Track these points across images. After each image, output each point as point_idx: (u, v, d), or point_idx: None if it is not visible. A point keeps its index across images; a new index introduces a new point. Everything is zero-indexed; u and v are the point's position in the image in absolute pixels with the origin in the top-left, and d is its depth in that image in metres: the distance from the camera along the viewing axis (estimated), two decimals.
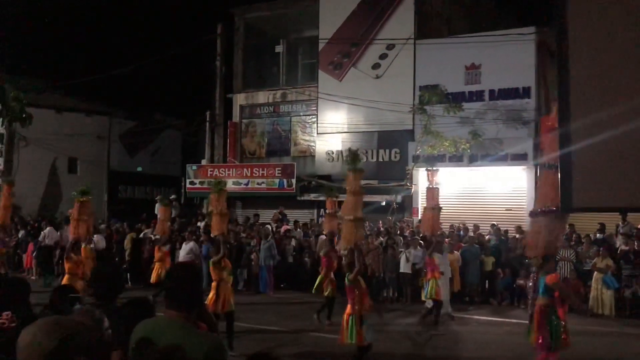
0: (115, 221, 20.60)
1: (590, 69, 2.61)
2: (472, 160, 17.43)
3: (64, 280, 9.54)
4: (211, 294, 9.11)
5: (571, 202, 2.64)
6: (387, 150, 19.86)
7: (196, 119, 25.66)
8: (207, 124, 22.99)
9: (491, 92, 17.82)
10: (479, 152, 17.27)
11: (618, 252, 13.40)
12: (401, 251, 14.47)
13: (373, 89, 19.46)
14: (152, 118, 31.13)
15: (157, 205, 21.60)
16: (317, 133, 21.16)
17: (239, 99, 23.16)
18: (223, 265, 9.39)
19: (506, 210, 17.26)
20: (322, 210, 20.71)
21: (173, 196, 22.15)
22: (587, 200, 2.58)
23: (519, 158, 17.01)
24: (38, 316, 3.08)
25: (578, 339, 10.73)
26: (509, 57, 17.01)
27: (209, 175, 21.40)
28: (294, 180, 20.05)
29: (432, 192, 11.96)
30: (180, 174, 25.87)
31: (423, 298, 11.54)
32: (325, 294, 11.30)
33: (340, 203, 11.38)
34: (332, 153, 20.82)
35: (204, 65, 23.65)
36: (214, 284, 9.27)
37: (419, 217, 18.21)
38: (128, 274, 16.17)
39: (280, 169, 20.59)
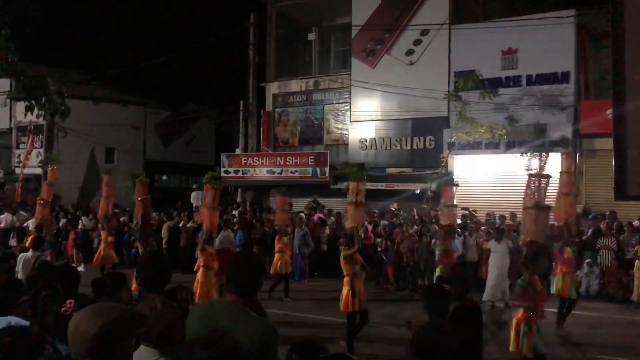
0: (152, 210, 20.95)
1: None
2: (509, 147, 17.12)
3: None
4: (345, 290, 8.60)
5: (627, 190, 2.58)
6: (422, 138, 19.65)
7: (229, 108, 25.86)
8: (241, 113, 23.13)
9: (528, 77, 17.43)
10: (516, 138, 16.94)
11: None
12: (432, 238, 14.38)
13: (407, 76, 19.23)
14: (186, 108, 31.50)
15: (193, 193, 21.95)
16: (350, 121, 21.07)
17: (272, 88, 23.21)
18: (355, 259, 8.82)
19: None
20: None
21: None
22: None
23: (558, 144, 16.62)
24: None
25: (617, 329, 10.55)
26: (547, 41, 16.59)
27: (242, 164, 21.56)
28: (327, 169, 20.04)
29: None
30: (214, 162, 26.16)
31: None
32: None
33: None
34: (365, 141, 20.72)
35: (237, 55, 23.74)
36: (346, 279, 8.71)
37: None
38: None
39: (313, 157, 20.59)
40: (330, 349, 2.22)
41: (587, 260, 13.50)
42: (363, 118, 20.60)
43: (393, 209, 18.00)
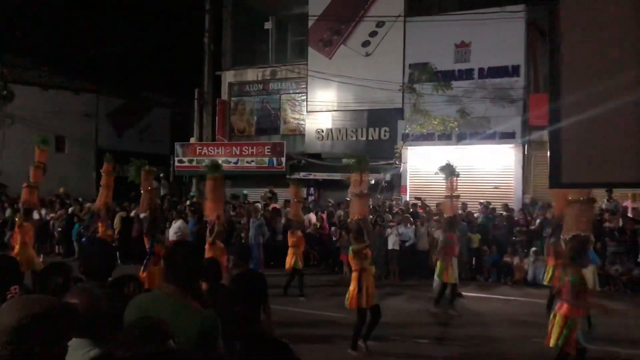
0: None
1: (581, 45, 2.64)
2: (461, 139, 17.51)
3: None
4: (352, 286, 8.13)
5: (560, 178, 2.69)
6: (377, 129, 19.86)
7: (185, 96, 25.46)
8: (196, 101, 22.82)
9: (480, 70, 17.82)
10: (468, 130, 17.35)
11: (603, 229, 13.60)
12: (390, 227, 14.61)
13: (363, 67, 19.37)
14: (140, 96, 30.82)
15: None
16: (307, 111, 21.10)
17: (228, 77, 22.98)
18: (365, 254, 8.28)
19: (494, 188, 17.41)
20: (312, 189, 20.79)
21: (161, 175, 22.05)
22: (576, 176, 2.63)
23: (507, 136, 17.12)
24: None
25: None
26: (498, 35, 16.98)
27: (197, 153, 21.33)
28: (283, 159, 20.04)
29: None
30: (169, 152, 25.74)
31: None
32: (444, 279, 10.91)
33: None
34: (322, 131, 20.81)
35: (193, 42, 23.38)
36: (354, 274, 8.22)
37: (408, 195, 18.39)
38: (117, 253, 16.14)
39: (269, 147, 20.55)
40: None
41: (534, 249, 13.97)
42: (320, 108, 20.66)
43: (348, 198, 18.15)
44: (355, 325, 8.02)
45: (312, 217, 16.76)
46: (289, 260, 12.13)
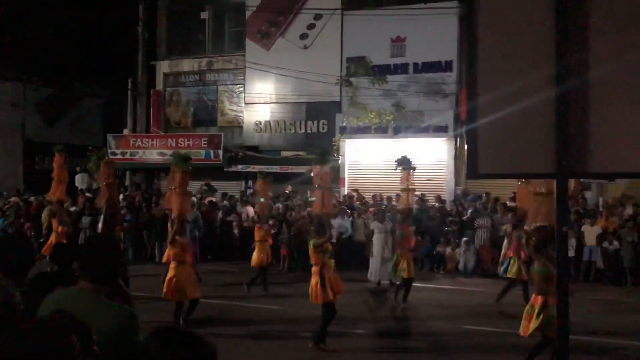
0: (31, 194, 19.65)
1: (495, 46, 2.77)
2: (396, 132, 17.84)
3: None
4: (314, 281, 7.96)
5: (477, 170, 2.82)
6: (315, 122, 19.94)
7: (119, 87, 24.65)
8: (129, 92, 22.16)
9: (415, 65, 18.18)
10: (403, 124, 17.69)
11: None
12: None
13: (301, 60, 19.37)
14: (71, 85, 29.57)
15: (77, 176, 20.79)
16: (245, 103, 20.91)
17: (163, 67, 22.44)
18: (326, 248, 8.13)
19: (427, 180, 17.83)
20: (250, 181, 20.65)
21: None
22: (490, 167, 2.77)
23: (440, 130, 17.58)
24: None
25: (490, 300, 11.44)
26: (432, 30, 17.37)
27: (131, 145, 20.75)
28: (220, 151, 19.79)
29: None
30: (102, 144, 24.87)
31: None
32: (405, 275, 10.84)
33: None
34: (260, 124, 20.69)
35: (126, 31, 22.64)
36: (315, 269, 8.04)
37: (346, 188, 18.59)
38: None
39: (206, 139, 20.24)
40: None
41: (465, 239, 14.46)
42: (258, 100, 20.52)
43: (287, 191, 18.19)
44: (323, 319, 7.89)
45: (250, 210, 16.67)
46: (256, 256, 11.78)
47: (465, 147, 2.97)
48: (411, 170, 11.65)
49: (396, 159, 11.88)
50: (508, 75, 2.71)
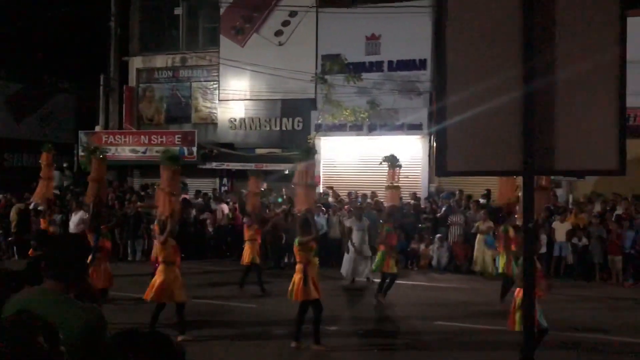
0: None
1: (464, 47, 2.82)
2: (371, 130, 17.93)
3: None
4: (297, 278, 7.90)
5: (445, 168, 2.87)
6: (290, 119, 19.91)
7: (90, 83, 24.24)
8: (102, 88, 21.81)
9: (390, 63, 18.28)
10: (377, 121, 17.78)
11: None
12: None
13: (276, 56, 19.32)
14: (41, 81, 28.97)
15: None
16: (219, 100, 20.78)
17: (136, 63, 22.15)
18: (311, 246, 8.09)
19: (402, 177, 17.93)
20: (224, 179, 20.55)
21: (65, 164, 21.00)
22: (458, 165, 2.82)
23: (414, 128, 17.71)
24: None
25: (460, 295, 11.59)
26: (407, 28, 17.46)
27: (103, 142, 20.44)
28: (194, 148, 19.62)
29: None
30: (73, 140, 24.47)
31: None
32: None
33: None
34: (235, 121, 20.59)
35: (99, 26, 22.26)
36: (299, 266, 7.99)
37: (321, 185, 18.60)
38: (15, 247, 15.29)
39: (180, 136, 20.06)
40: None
41: (438, 235, 14.61)
42: (232, 97, 20.41)
43: (262, 189, 18.10)
44: (297, 317, 7.89)
45: (225, 208, 16.60)
46: (246, 255, 11.56)
47: (434, 145, 3.01)
48: (397, 168, 11.73)
49: (383, 156, 11.97)
50: (477, 76, 2.76)
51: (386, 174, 11.59)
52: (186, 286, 8.56)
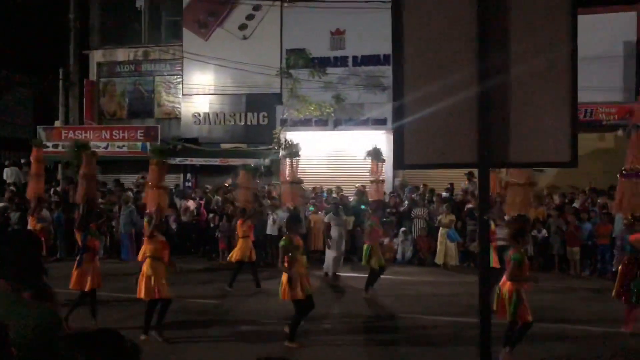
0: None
1: (421, 46, 2.87)
2: (337, 125, 17.98)
3: None
4: (285, 277, 7.68)
5: (403, 161, 2.92)
6: (255, 114, 19.81)
7: (49, 76, 23.61)
8: (61, 82, 21.27)
9: (354, 58, 18.35)
10: (343, 116, 17.84)
11: (465, 209, 14.66)
12: (268, 214, 14.67)
13: (240, 51, 19.17)
14: None
15: (6, 170, 19.87)
16: (183, 94, 20.52)
17: (96, 56, 21.69)
18: (296, 243, 7.82)
19: (367, 172, 18.09)
20: (188, 174, 20.31)
21: (22, 160, 20.41)
22: (416, 158, 2.87)
23: (379, 122, 17.83)
24: None
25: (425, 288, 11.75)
26: (371, 24, 17.52)
27: (62, 137, 19.97)
28: (157, 144, 19.31)
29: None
30: (31, 136, 23.81)
31: None
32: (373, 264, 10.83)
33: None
34: (199, 115, 20.36)
35: (57, 18, 21.67)
36: (286, 265, 7.74)
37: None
38: None
39: (142, 131, 19.74)
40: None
41: (403, 229, 14.76)
42: (196, 91, 20.18)
43: (227, 184, 17.99)
44: (295, 317, 7.79)
45: (191, 204, 16.39)
46: (238, 252, 11.21)
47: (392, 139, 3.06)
48: (382, 163, 11.76)
49: (367, 150, 12.06)
50: (434, 73, 2.83)
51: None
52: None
